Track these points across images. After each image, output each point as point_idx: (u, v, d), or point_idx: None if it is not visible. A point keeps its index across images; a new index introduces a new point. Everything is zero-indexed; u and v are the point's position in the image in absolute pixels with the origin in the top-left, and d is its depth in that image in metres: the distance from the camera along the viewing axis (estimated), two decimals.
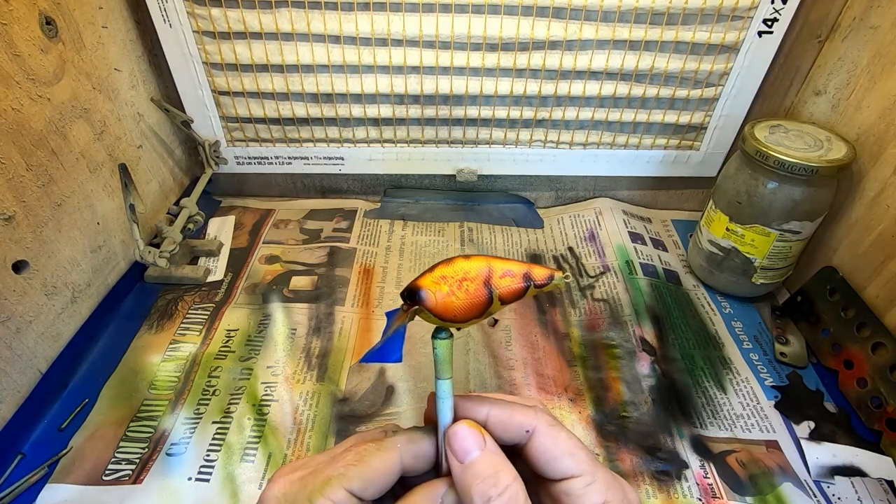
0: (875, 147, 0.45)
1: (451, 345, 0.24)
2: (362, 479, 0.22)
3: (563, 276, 0.24)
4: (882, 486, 0.38)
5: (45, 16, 0.40)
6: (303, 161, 0.60)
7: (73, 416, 0.40)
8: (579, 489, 0.22)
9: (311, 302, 0.51)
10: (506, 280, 0.23)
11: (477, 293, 0.23)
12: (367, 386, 0.43)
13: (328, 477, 0.22)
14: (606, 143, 0.59)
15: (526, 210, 0.65)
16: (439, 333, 0.24)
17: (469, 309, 0.23)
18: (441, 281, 0.23)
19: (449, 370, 0.24)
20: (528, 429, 0.23)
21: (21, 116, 0.38)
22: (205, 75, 0.53)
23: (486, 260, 0.23)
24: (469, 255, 0.24)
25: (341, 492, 0.22)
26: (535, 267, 0.23)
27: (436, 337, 0.24)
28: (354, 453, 0.23)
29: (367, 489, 0.22)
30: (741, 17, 0.49)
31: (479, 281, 0.23)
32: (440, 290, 0.23)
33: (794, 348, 0.48)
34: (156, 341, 0.46)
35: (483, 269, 0.23)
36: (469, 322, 0.24)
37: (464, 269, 0.23)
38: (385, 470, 0.23)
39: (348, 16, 0.49)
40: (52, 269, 0.42)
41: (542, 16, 0.50)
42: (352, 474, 0.22)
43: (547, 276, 0.23)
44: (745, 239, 0.48)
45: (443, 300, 0.22)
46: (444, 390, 0.24)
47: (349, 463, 0.23)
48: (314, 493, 0.22)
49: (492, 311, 0.24)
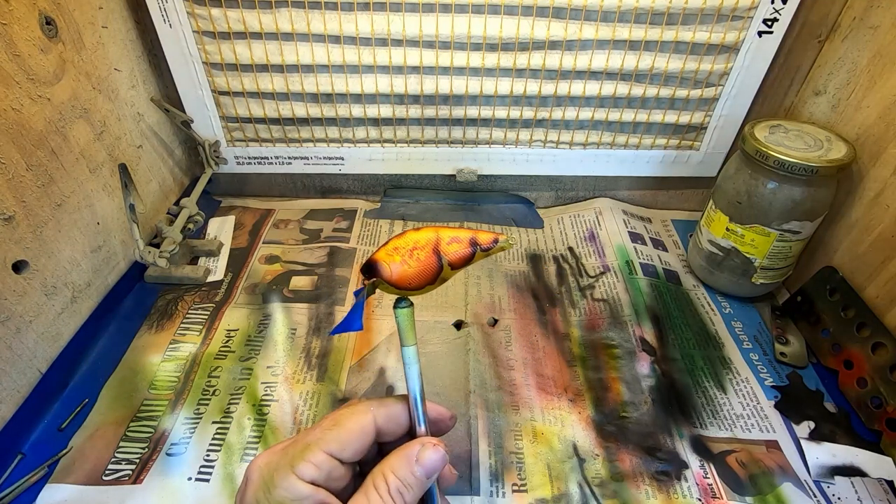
0: (875, 147, 0.45)
1: (412, 313, 0.26)
2: (339, 441, 0.24)
3: (507, 239, 0.26)
4: (882, 486, 0.38)
5: (45, 16, 0.40)
6: (303, 161, 0.60)
7: (73, 416, 0.40)
8: None
9: (311, 302, 0.51)
10: (453, 246, 0.25)
11: (427, 260, 0.25)
12: (366, 386, 0.43)
13: (307, 443, 0.24)
14: (606, 143, 0.59)
15: (526, 210, 0.65)
16: (400, 303, 0.26)
17: (421, 275, 0.25)
18: (394, 252, 0.25)
19: (412, 337, 0.26)
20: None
21: (21, 116, 0.38)
22: (205, 75, 0.53)
23: (434, 230, 0.26)
24: (419, 227, 0.26)
25: (321, 454, 0.23)
26: (480, 232, 0.26)
27: (397, 307, 0.26)
28: (330, 419, 0.25)
29: (345, 450, 0.24)
30: (741, 17, 0.49)
31: (429, 248, 0.25)
32: (394, 261, 0.25)
33: (794, 348, 0.48)
34: (156, 341, 0.46)
35: (431, 238, 0.25)
36: (425, 289, 0.26)
37: (413, 239, 0.25)
38: (360, 431, 0.25)
39: (348, 16, 0.49)
40: (52, 269, 0.42)
41: (542, 16, 0.50)
42: (329, 437, 0.24)
43: (492, 240, 0.26)
44: (745, 239, 0.48)
45: (397, 270, 0.25)
46: (409, 356, 0.26)
47: (325, 427, 0.25)
48: (295, 458, 0.23)
49: (445, 277, 0.26)
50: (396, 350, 0.46)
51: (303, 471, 0.23)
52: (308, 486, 0.23)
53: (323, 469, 0.23)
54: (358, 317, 0.25)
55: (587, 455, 0.39)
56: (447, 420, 0.29)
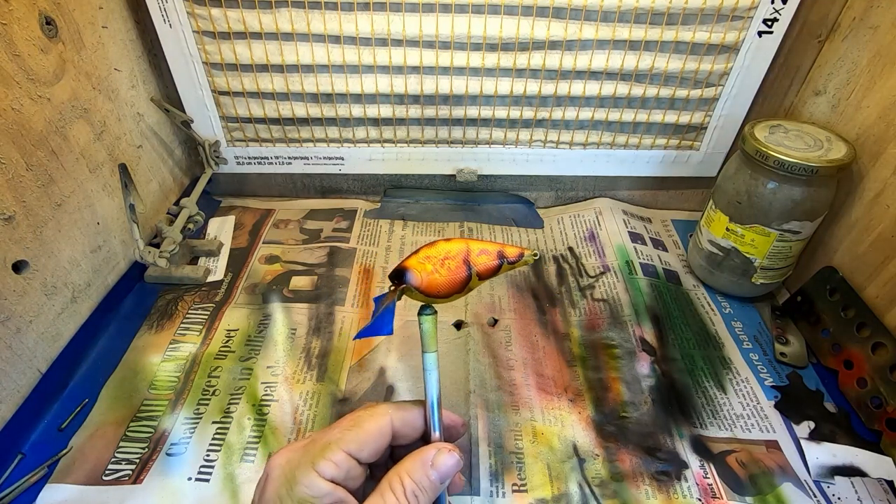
0: (875, 147, 0.45)
1: (436, 320, 0.27)
2: (359, 442, 0.25)
3: (532, 254, 0.27)
4: (882, 486, 0.38)
5: (45, 16, 0.40)
6: (303, 161, 0.60)
7: (73, 416, 0.40)
8: None
9: (311, 302, 0.51)
10: (482, 258, 0.27)
11: (458, 270, 0.26)
12: (367, 386, 0.43)
13: (327, 442, 0.25)
14: (606, 143, 0.58)
15: (526, 210, 0.65)
16: (425, 310, 0.27)
17: (451, 284, 0.26)
18: (426, 261, 0.26)
19: (434, 344, 0.27)
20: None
21: (21, 116, 0.38)
22: (205, 75, 0.53)
23: (464, 241, 0.27)
24: (449, 238, 0.27)
25: (340, 454, 0.24)
26: (506, 246, 0.27)
27: (422, 314, 0.27)
28: (350, 419, 0.26)
29: (363, 451, 0.25)
30: (741, 17, 0.49)
31: (460, 259, 0.26)
32: (425, 269, 0.26)
33: (794, 348, 0.48)
34: (156, 341, 0.46)
35: (462, 249, 0.27)
36: (451, 297, 0.27)
37: (445, 250, 0.26)
38: (378, 432, 0.26)
39: (348, 16, 0.49)
40: (52, 269, 0.42)
41: (542, 16, 0.50)
42: (349, 438, 0.25)
43: (518, 254, 0.27)
44: (745, 239, 0.48)
45: (427, 278, 0.26)
46: (430, 363, 0.27)
47: (345, 428, 0.25)
48: (316, 456, 0.24)
49: (471, 287, 0.27)
50: (396, 350, 0.46)
51: (324, 469, 0.24)
52: (328, 483, 0.24)
53: (342, 468, 0.24)
54: (389, 321, 0.25)
55: (587, 455, 0.39)
56: (459, 427, 0.30)
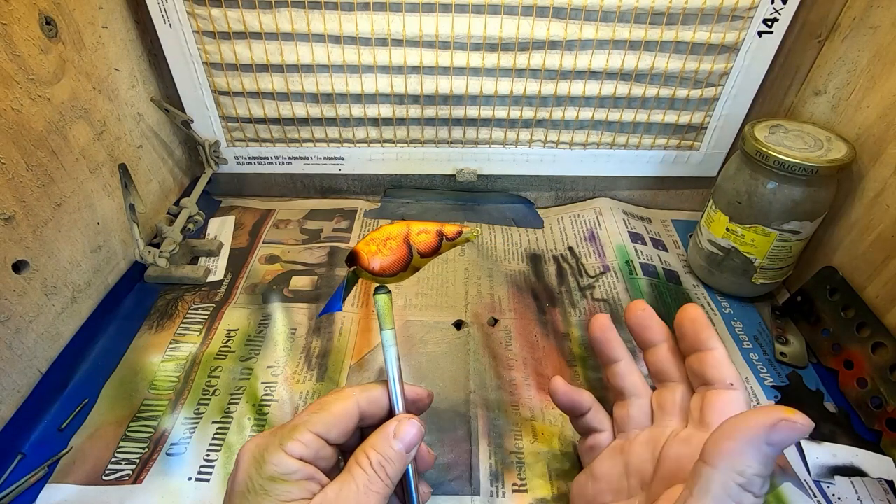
0: (875, 147, 0.45)
1: (390, 299, 0.29)
2: (325, 423, 0.26)
3: (472, 230, 0.29)
4: (882, 486, 0.38)
5: (45, 16, 0.40)
6: (303, 161, 0.60)
7: (73, 416, 0.40)
8: None
9: (312, 302, 0.51)
10: (422, 236, 0.28)
11: (399, 249, 0.28)
12: None
13: (295, 425, 0.26)
14: (606, 143, 0.59)
15: (526, 210, 0.65)
16: (378, 290, 0.29)
17: (394, 264, 0.28)
18: (370, 243, 0.28)
19: (390, 322, 0.29)
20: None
21: (21, 116, 0.38)
22: (205, 75, 0.53)
23: (405, 223, 0.29)
24: (393, 221, 0.29)
25: (308, 434, 0.25)
26: (445, 225, 0.29)
27: (376, 293, 0.29)
28: (317, 403, 0.27)
29: (331, 431, 0.26)
30: (741, 17, 0.49)
31: (400, 239, 0.28)
32: (370, 251, 0.28)
33: (794, 348, 0.48)
34: (156, 341, 0.46)
35: (402, 229, 0.29)
36: (399, 276, 0.29)
37: (387, 232, 0.29)
38: (344, 413, 0.27)
39: (348, 16, 0.49)
40: (52, 269, 0.42)
41: (542, 16, 0.50)
42: (315, 420, 0.26)
43: (456, 232, 0.29)
44: (745, 239, 0.48)
45: (373, 259, 0.28)
46: (387, 339, 0.29)
47: (312, 411, 0.27)
48: (284, 437, 0.25)
49: (416, 266, 0.29)
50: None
51: (292, 448, 0.25)
52: (297, 461, 0.25)
53: (311, 447, 0.25)
54: (338, 298, 0.28)
55: None
56: (425, 398, 0.31)
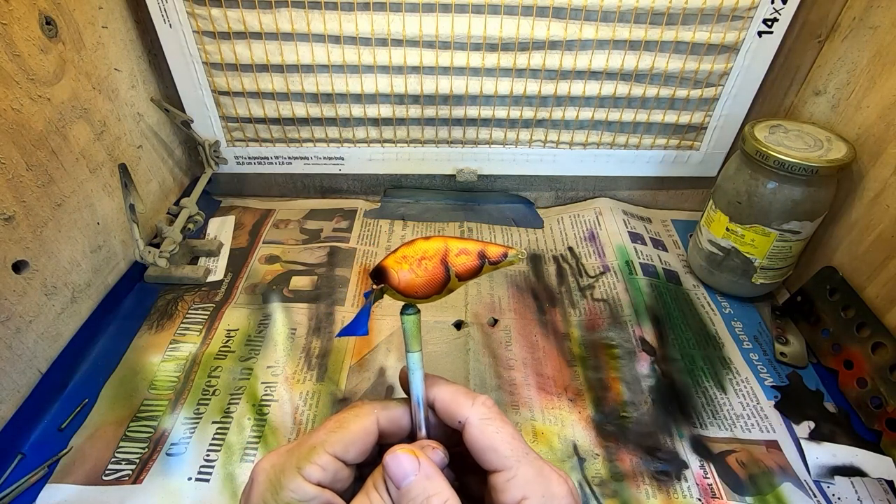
0: (875, 147, 0.45)
1: (419, 320, 0.26)
2: (344, 443, 0.24)
3: (518, 253, 0.25)
4: (882, 486, 0.38)
5: (45, 16, 0.40)
6: (303, 161, 0.60)
7: (73, 416, 0.40)
8: (500, 484, 0.23)
9: (311, 302, 0.51)
10: (461, 258, 0.25)
11: (435, 270, 0.25)
12: (366, 386, 0.43)
13: (312, 445, 0.24)
14: (606, 143, 0.59)
15: (526, 210, 0.65)
16: (406, 310, 0.26)
17: (428, 285, 0.25)
18: (402, 260, 0.25)
19: (417, 344, 0.26)
20: (460, 419, 0.25)
21: (21, 116, 0.38)
22: (205, 75, 0.53)
23: (443, 240, 0.26)
24: (429, 236, 0.26)
25: (326, 456, 0.24)
26: (489, 245, 0.25)
27: (403, 313, 0.26)
28: (335, 420, 0.25)
29: (349, 452, 0.24)
30: (741, 17, 0.49)
31: (437, 259, 0.25)
32: (402, 269, 0.25)
33: (794, 348, 0.48)
34: (156, 341, 0.46)
35: (440, 248, 0.25)
36: (431, 298, 0.26)
37: (423, 249, 0.25)
38: (363, 433, 0.25)
39: (348, 16, 0.49)
40: (52, 269, 0.42)
41: (542, 16, 0.50)
42: (334, 439, 0.24)
43: (501, 254, 0.25)
44: (745, 239, 0.48)
45: (405, 278, 0.25)
46: (414, 362, 0.26)
47: (330, 430, 0.25)
48: (301, 459, 0.24)
49: (451, 288, 0.26)
50: (396, 350, 0.46)
51: (309, 472, 0.23)
52: (314, 487, 0.23)
53: (328, 470, 0.24)
54: (364, 322, 0.25)
55: (587, 455, 0.39)
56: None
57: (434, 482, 0.23)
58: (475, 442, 0.24)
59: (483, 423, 0.24)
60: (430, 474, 0.23)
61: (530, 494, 0.22)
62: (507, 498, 0.22)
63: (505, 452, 0.23)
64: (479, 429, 0.24)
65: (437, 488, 0.23)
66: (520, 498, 0.22)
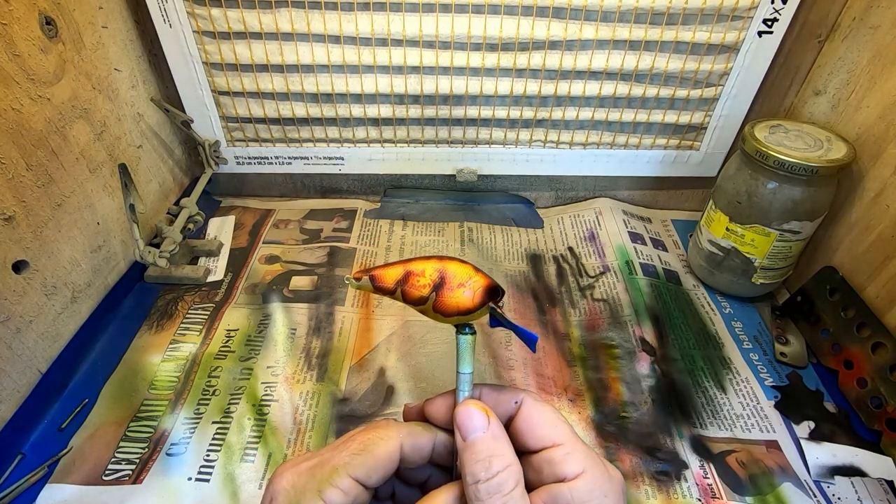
0: (875, 147, 0.45)
1: (474, 341, 0.26)
2: (367, 468, 0.23)
3: None
4: (882, 486, 0.38)
5: (45, 16, 0.40)
6: (303, 161, 0.60)
7: (73, 416, 0.40)
8: (559, 457, 0.23)
9: (311, 302, 0.51)
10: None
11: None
12: (367, 386, 0.43)
13: (335, 466, 0.23)
14: (606, 143, 0.58)
15: (526, 210, 0.65)
16: (464, 329, 0.26)
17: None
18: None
19: (469, 364, 0.26)
20: (516, 400, 0.25)
21: (21, 116, 0.38)
22: (205, 75, 0.53)
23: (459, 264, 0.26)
24: (453, 258, 0.26)
25: (348, 480, 0.23)
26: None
27: (462, 333, 0.26)
28: (359, 442, 0.24)
29: (372, 477, 0.24)
30: (741, 17, 0.49)
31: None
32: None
33: (794, 348, 0.48)
34: (156, 341, 0.46)
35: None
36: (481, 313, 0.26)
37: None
38: (388, 458, 0.24)
39: (348, 16, 0.49)
40: (52, 269, 0.42)
41: (542, 16, 0.50)
42: (357, 463, 0.23)
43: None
44: (745, 239, 0.48)
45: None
46: (464, 382, 0.26)
47: (354, 452, 0.24)
48: (322, 482, 0.23)
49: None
50: (396, 350, 0.46)
51: (331, 497, 0.23)
52: None
53: (350, 495, 0.23)
54: (527, 332, 0.25)
55: None
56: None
57: (500, 443, 0.23)
58: (533, 418, 0.25)
59: (538, 403, 0.25)
60: (497, 435, 0.24)
61: (589, 469, 0.23)
62: (566, 469, 0.23)
63: (565, 428, 0.24)
64: (538, 406, 0.25)
65: (502, 450, 0.23)
66: (580, 470, 0.23)
